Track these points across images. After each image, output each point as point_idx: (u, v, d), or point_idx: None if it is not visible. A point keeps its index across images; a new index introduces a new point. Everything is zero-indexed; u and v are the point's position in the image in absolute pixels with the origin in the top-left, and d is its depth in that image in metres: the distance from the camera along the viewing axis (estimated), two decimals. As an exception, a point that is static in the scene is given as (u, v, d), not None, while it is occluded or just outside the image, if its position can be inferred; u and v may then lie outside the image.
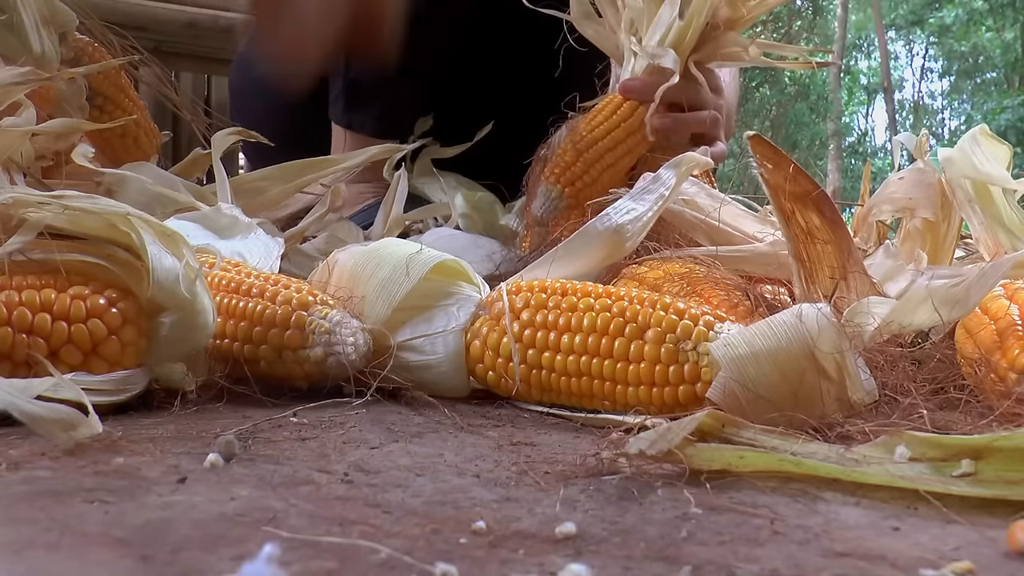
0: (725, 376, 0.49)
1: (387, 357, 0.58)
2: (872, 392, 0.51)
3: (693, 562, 0.32)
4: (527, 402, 0.58)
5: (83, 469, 0.40)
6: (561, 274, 0.66)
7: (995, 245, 0.68)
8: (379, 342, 0.59)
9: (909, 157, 0.86)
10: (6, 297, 0.51)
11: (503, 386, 0.58)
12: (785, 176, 0.62)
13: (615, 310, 0.54)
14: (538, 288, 0.58)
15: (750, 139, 0.63)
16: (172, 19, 2.07)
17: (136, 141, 1.08)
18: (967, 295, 0.51)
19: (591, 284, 0.57)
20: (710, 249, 0.74)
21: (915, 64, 17.64)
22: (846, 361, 0.49)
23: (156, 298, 0.54)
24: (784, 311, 0.50)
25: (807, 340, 0.48)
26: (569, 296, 0.56)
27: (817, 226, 0.63)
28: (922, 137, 0.83)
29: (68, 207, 0.54)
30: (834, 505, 0.39)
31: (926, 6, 14.57)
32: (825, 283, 0.62)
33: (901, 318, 0.53)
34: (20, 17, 0.88)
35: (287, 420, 0.52)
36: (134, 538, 0.32)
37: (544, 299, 0.56)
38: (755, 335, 0.49)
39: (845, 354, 0.49)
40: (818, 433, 0.46)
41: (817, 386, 0.48)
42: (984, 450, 0.39)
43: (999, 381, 0.50)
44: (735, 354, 0.49)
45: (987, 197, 0.69)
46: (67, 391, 0.47)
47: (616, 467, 0.42)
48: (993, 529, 0.36)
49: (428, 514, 0.36)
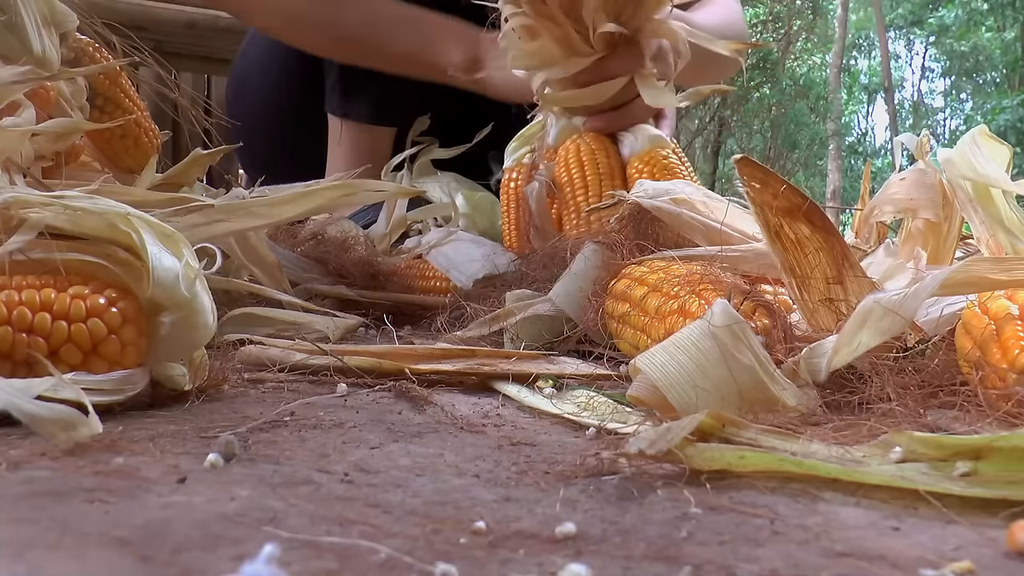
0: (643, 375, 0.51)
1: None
2: (807, 401, 0.51)
3: (693, 562, 0.32)
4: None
5: (83, 469, 0.40)
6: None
7: (996, 245, 0.68)
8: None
9: (909, 157, 0.86)
10: (6, 296, 0.51)
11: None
12: (774, 194, 0.62)
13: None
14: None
15: (737, 163, 0.63)
16: (172, 19, 2.08)
17: (136, 141, 1.08)
18: (902, 308, 0.51)
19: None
20: (710, 249, 0.74)
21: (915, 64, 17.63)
22: (758, 353, 0.50)
23: (156, 298, 0.54)
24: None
25: (709, 328, 0.51)
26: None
27: (807, 236, 0.63)
28: (923, 137, 0.83)
29: (68, 207, 0.54)
30: (834, 505, 0.39)
31: (926, 6, 14.56)
32: (820, 290, 0.62)
33: (849, 342, 0.53)
34: (20, 17, 0.87)
35: (287, 420, 0.52)
36: (134, 538, 0.32)
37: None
38: (670, 340, 0.52)
39: (755, 346, 0.50)
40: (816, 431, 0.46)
41: (753, 376, 0.50)
42: (984, 450, 0.39)
43: (999, 381, 0.50)
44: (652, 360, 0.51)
45: (987, 197, 0.69)
46: (67, 391, 0.47)
47: (616, 467, 0.42)
48: (993, 529, 0.36)
49: (428, 514, 0.36)
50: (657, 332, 0.62)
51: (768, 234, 0.63)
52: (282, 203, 0.80)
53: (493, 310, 0.79)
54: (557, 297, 0.76)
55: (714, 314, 0.51)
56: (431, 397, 0.59)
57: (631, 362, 0.53)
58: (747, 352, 0.50)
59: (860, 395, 0.52)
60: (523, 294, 0.79)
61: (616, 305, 0.70)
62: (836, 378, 0.54)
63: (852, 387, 0.53)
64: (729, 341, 0.50)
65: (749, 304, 0.58)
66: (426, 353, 0.67)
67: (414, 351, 0.68)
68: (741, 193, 0.65)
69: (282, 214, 0.80)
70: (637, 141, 1.03)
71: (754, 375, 0.50)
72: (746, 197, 0.63)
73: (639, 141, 1.03)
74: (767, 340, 0.55)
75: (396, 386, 0.61)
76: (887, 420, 0.47)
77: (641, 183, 0.82)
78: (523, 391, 0.61)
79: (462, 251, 1.03)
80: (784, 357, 0.55)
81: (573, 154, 1.02)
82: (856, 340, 0.51)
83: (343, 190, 0.82)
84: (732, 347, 0.50)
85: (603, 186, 0.99)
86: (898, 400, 0.50)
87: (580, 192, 1.00)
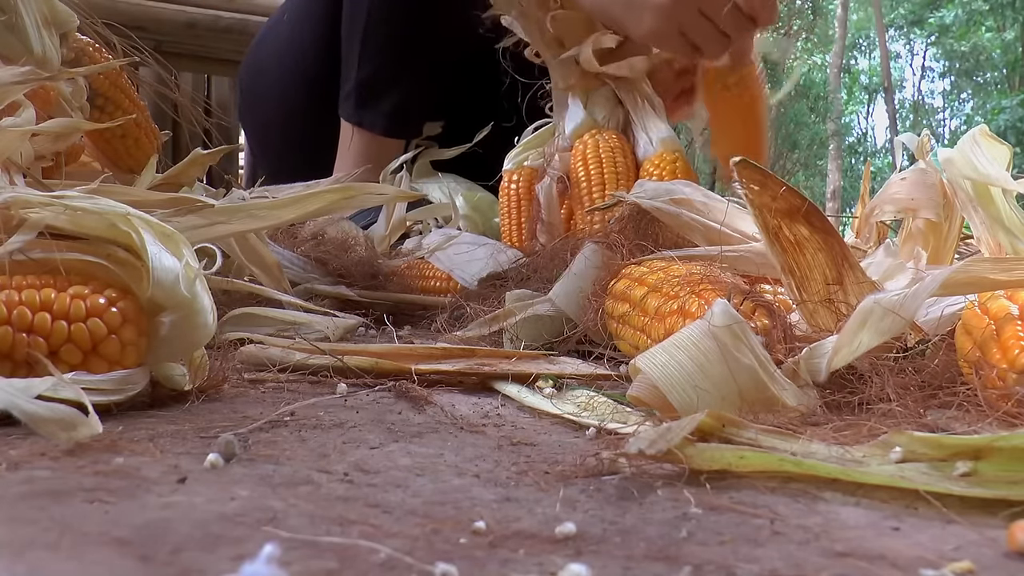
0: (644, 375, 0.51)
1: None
2: (807, 401, 0.51)
3: (693, 562, 0.32)
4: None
5: (83, 469, 0.40)
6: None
7: (996, 245, 0.68)
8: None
9: (910, 157, 0.86)
10: (6, 296, 0.51)
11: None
12: (773, 196, 0.62)
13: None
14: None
15: (736, 165, 0.63)
16: (172, 19, 2.07)
17: (136, 142, 1.08)
18: (902, 309, 0.51)
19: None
20: (710, 249, 0.74)
21: (915, 64, 17.64)
22: (758, 352, 0.50)
23: (156, 298, 0.54)
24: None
25: (710, 328, 0.51)
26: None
27: (807, 237, 0.63)
28: (924, 137, 0.83)
29: (68, 207, 0.54)
30: (834, 505, 0.39)
31: (926, 6, 14.57)
32: (819, 290, 0.62)
33: (849, 342, 0.53)
34: (21, 18, 0.87)
35: (287, 420, 0.52)
36: (134, 538, 0.32)
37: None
38: (670, 341, 0.52)
39: (754, 346, 0.50)
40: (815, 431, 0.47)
41: (753, 376, 0.50)
42: (984, 450, 0.39)
43: (999, 381, 0.50)
44: (652, 360, 0.51)
45: (987, 197, 0.69)
46: (67, 391, 0.47)
47: (616, 467, 0.42)
48: (993, 529, 0.36)
49: (428, 514, 0.36)
50: (657, 332, 0.62)
51: (767, 236, 0.63)
52: (282, 206, 0.80)
53: (493, 310, 0.79)
54: (557, 297, 0.76)
55: (714, 314, 0.51)
56: (431, 397, 0.59)
57: (631, 362, 0.53)
58: (747, 352, 0.50)
59: (860, 395, 0.52)
60: (523, 294, 0.79)
61: (616, 305, 0.70)
62: (836, 378, 0.54)
63: (852, 387, 0.53)
64: (729, 341, 0.50)
65: (749, 304, 0.58)
66: (426, 353, 0.67)
67: (414, 351, 0.68)
68: (740, 193, 0.65)
69: (282, 217, 0.80)
70: (651, 143, 1.03)
71: (754, 375, 0.50)
72: (744, 199, 0.63)
73: (653, 143, 1.03)
74: (767, 340, 0.55)
75: (396, 386, 0.61)
76: (887, 420, 0.47)
77: (641, 183, 0.82)
78: (523, 391, 0.61)
79: (464, 252, 1.03)
80: (784, 357, 0.55)
81: (591, 149, 1.02)
82: (856, 340, 0.51)
83: (343, 193, 0.82)
84: (732, 347, 0.50)
85: (619, 184, 0.99)
86: (898, 400, 0.50)
87: (597, 188, 1.00)
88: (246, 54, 1.71)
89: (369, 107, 1.43)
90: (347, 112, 1.46)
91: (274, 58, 1.59)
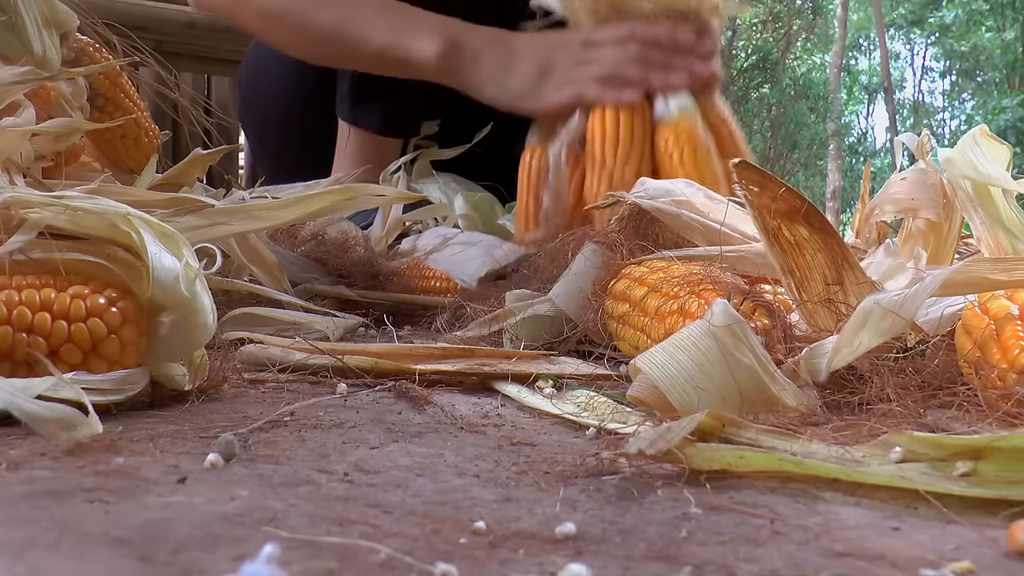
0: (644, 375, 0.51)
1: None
2: (806, 401, 0.51)
3: (693, 562, 0.32)
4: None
5: (83, 469, 0.40)
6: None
7: (996, 245, 0.68)
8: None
9: (910, 157, 0.86)
10: (6, 296, 0.51)
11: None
12: (772, 196, 0.62)
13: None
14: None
15: (735, 167, 0.63)
16: (172, 19, 2.08)
17: (136, 142, 1.08)
18: (902, 309, 0.51)
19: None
20: (710, 249, 0.74)
21: (915, 64, 17.63)
22: (757, 351, 0.50)
23: (156, 297, 0.54)
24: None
25: (710, 328, 0.51)
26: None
27: (806, 237, 0.63)
28: (924, 137, 0.83)
29: (68, 207, 0.54)
30: (834, 505, 0.39)
31: (926, 6, 14.57)
32: (818, 290, 0.62)
33: (849, 342, 0.53)
34: (21, 17, 0.87)
35: (287, 420, 0.52)
36: (134, 538, 0.32)
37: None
38: (670, 341, 0.52)
39: (755, 346, 0.50)
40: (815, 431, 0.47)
41: (754, 375, 0.50)
42: (984, 450, 0.39)
43: (999, 381, 0.50)
44: (652, 360, 0.51)
45: (987, 197, 0.69)
46: (67, 391, 0.47)
47: (616, 467, 0.42)
48: (993, 529, 0.36)
49: (428, 514, 0.36)
50: (657, 332, 0.62)
51: (766, 237, 0.63)
52: (282, 206, 0.80)
53: (493, 310, 0.79)
54: (557, 297, 0.76)
55: (714, 314, 0.51)
56: (431, 397, 0.59)
57: (631, 362, 0.53)
58: (747, 352, 0.50)
59: (860, 395, 0.52)
60: (523, 294, 0.79)
61: (616, 305, 0.70)
62: (836, 378, 0.54)
63: (852, 387, 0.53)
64: (729, 341, 0.50)
65: (749, 304, 0.58)
66: (426, 353, 0.67)
67: (414, 351, 0.68)
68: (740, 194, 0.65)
69: (282, 217, 0.80)
70: (668, 108, 1.03)
71: (754, 375, 0.50)
72: (744, 201, 0.63)
73: (670, 108, 1.03)
74: (767, 340, 0.55)
75: (396, 386, 0.61)
76: (887, 420, 0.47)
77: (642, 182, 0.82)
78: (523, 391, 0.61)
79: (459, 252, 1.03)
80: (784, 357, 0.55)
81: (611, 108, 1.02)
82: (856, 340, 0.51)
83: (343, 194, 0.82)
84: (732, 347, 0.50)
85: (633, 146, 0.99)
86: (898, 400, 0.50)
87: (610, 148, 1.00)
88: (246, 53, 1.71)
89: (364, 106, 1.43)
90: (343, 111, 1.46)
91: (274, 56, 1.59)
